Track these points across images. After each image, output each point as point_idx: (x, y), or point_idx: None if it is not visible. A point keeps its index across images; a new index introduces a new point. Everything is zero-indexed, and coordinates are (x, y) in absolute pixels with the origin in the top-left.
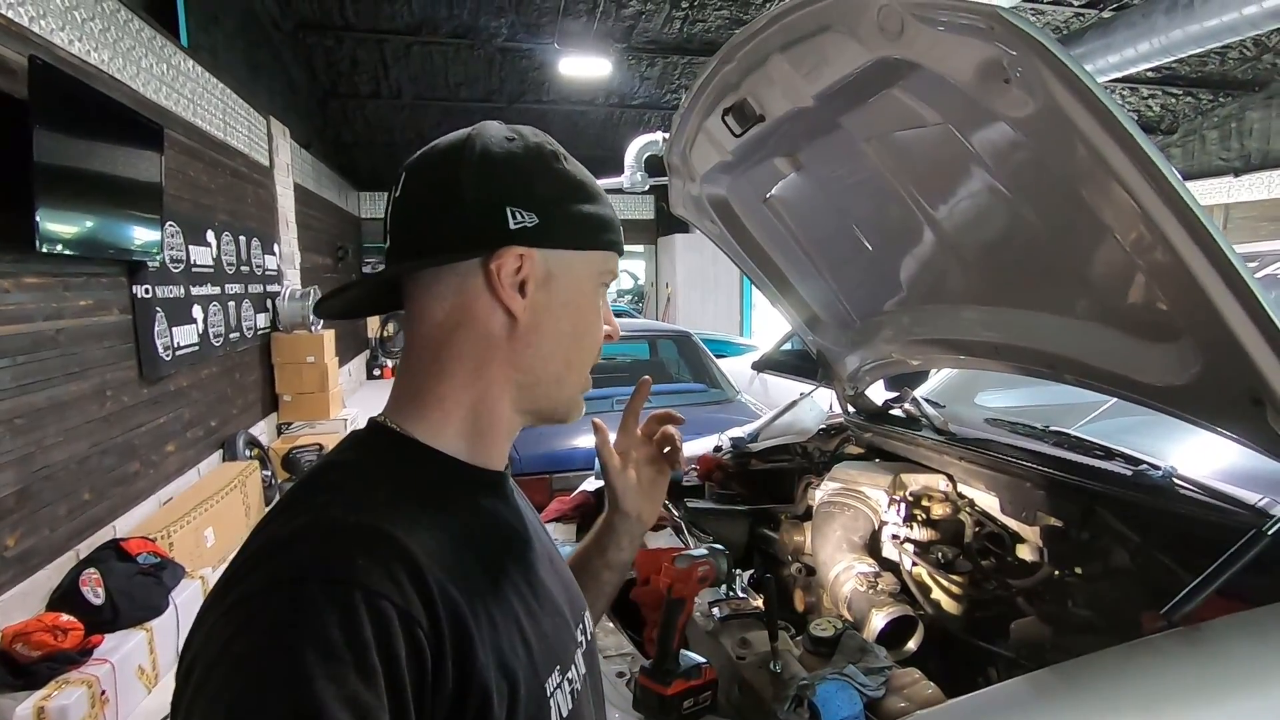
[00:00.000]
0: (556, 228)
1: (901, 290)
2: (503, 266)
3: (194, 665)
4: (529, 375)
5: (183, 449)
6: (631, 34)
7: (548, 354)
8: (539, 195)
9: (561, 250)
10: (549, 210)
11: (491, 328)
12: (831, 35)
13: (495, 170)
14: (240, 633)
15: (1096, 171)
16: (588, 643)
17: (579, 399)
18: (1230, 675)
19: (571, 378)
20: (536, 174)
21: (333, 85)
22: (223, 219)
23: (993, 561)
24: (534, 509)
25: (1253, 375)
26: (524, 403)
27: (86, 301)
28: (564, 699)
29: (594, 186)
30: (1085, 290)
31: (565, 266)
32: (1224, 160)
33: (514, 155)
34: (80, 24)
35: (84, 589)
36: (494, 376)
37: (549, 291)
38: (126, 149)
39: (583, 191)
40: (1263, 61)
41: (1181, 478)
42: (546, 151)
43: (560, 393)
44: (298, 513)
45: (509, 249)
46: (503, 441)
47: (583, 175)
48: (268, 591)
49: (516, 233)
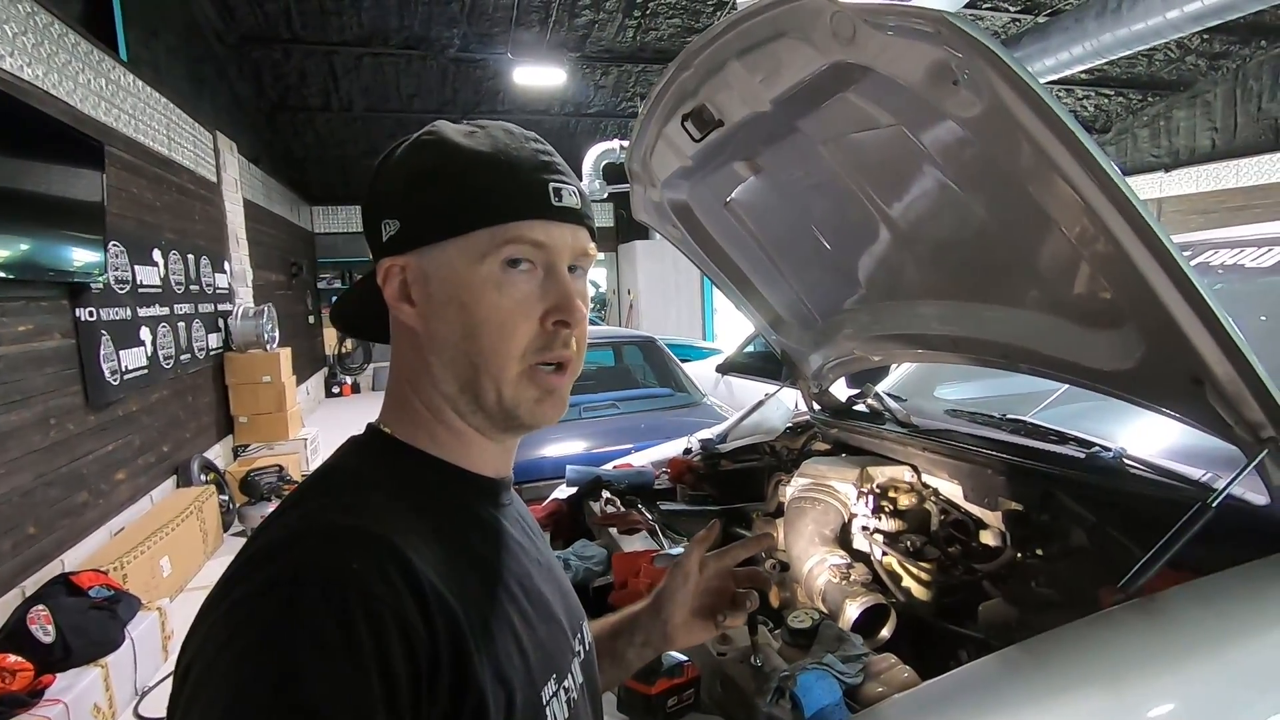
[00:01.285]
0: (420, 224)
1: (861, 288)
2: (386, 281)
3: (191, 666)
4: (447, 384)
5: (134, 476)
6: (585, 43)
7: (449, 360)
8: (400, 196)
9: (432, 245)
10: (408, 209)
11: (408, 340)
12: (786, 41)
13: (374, 185)
14: (237, 634)
15: (1041, 168)
16: (586, 652)
17: (527, 401)
18: (1183, 641)
19: (487, 382)
20: (400, 174)
21: (281, 98)
22: (170, 237)
23: (958, 548)
24: (532, 517)
25: (1192, 357)
26: (465, 412)
27: (26, 326)
28: (560, 708)
29: (477, 157)
30: (1035, 282)
31: (439, 262)
32: (1155, 157)
33: (387, 162)
34: (11, 39)
35: (32, 627)
36: (429, 384)
37: (429, 293)
38: (65, 167)
39: (451, 171)
40: (1186, 63)
41: (1131, 458)
42: (420, 143)
43: (486, 398)
44: (295, 517)
45: (384, 261)
46: (480, 450)
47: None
48: (264, 593)
49: (387, 245)
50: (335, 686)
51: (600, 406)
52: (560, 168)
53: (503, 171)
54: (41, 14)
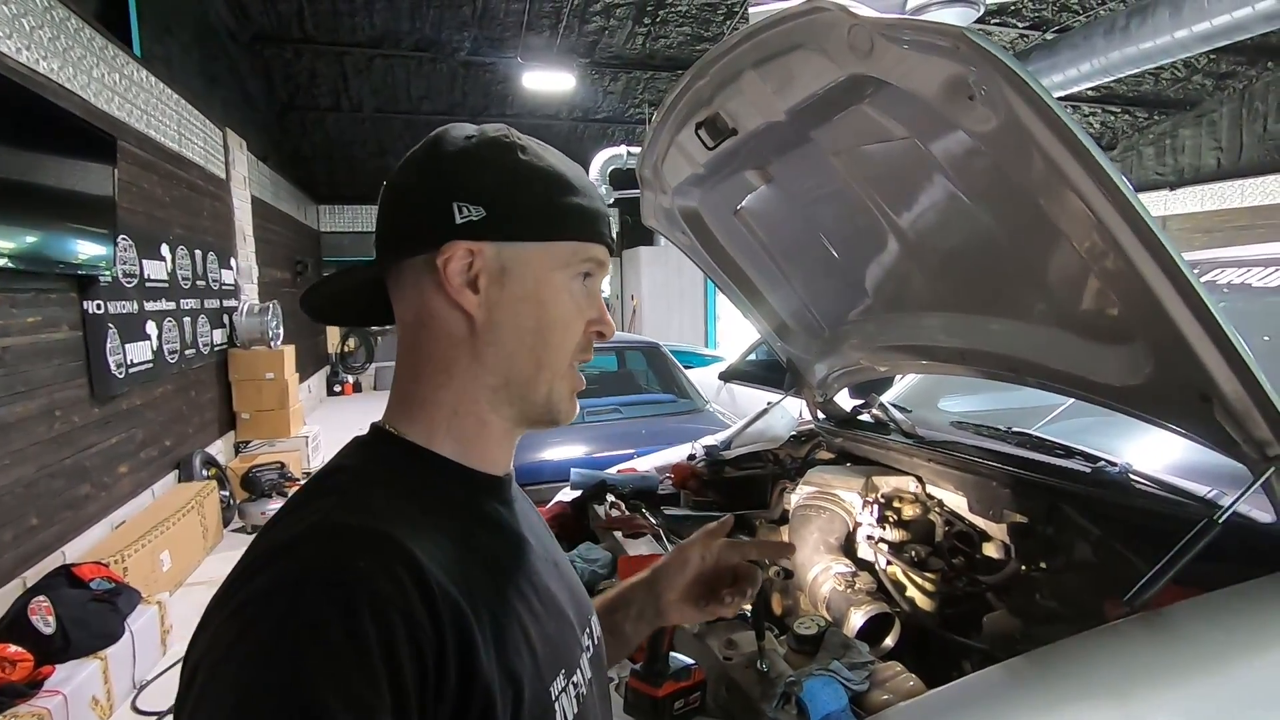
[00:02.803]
0: (509, 220)
1: (868, 298)
2: (449, 262)
3: (198, 668)
4: (496, 376)
5: (136, 470)
6: (594, 49)
7: (512, 352)
8: (487, 187)
9: (516, 243)
10: (498, 202)
11: (451, 327)
12: (803, 53)
13: (443, 166)
14: (244, 635)
15: (1054, 183)
16: (594, 647)
17: (566, 398)
18: (1188, 656)
19: (545, 376)
20: (489, 167)
21: (291, 98)
22: (178, 233)
23: (963, 559)
24: (539, 513)
25: (1200, 374)
26: (502, 405)
27: (34, 318)
28: (569, 703)
29: (562, 176)
30: (1043, 295)
31: (522, 260)
32: (1160, 175)
33: (466, 150)
34: (29, 32)
35: (33, 618)
36: (464, 378)
37: (504, 286)
38: (77, 160)
39: (542, 181)
40: (1193, 82)
41: (1137, 473)
42: (504, 144)
43: (536, 393)
44: (301, 517)
45: (454, 244)
46: (496, 446)
47: (548, 165)
48: (271, 594)
49: (462, 227)
50: (343, 688)
51: (603, 411)
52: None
53: (593, 199)
54: (59, 9)
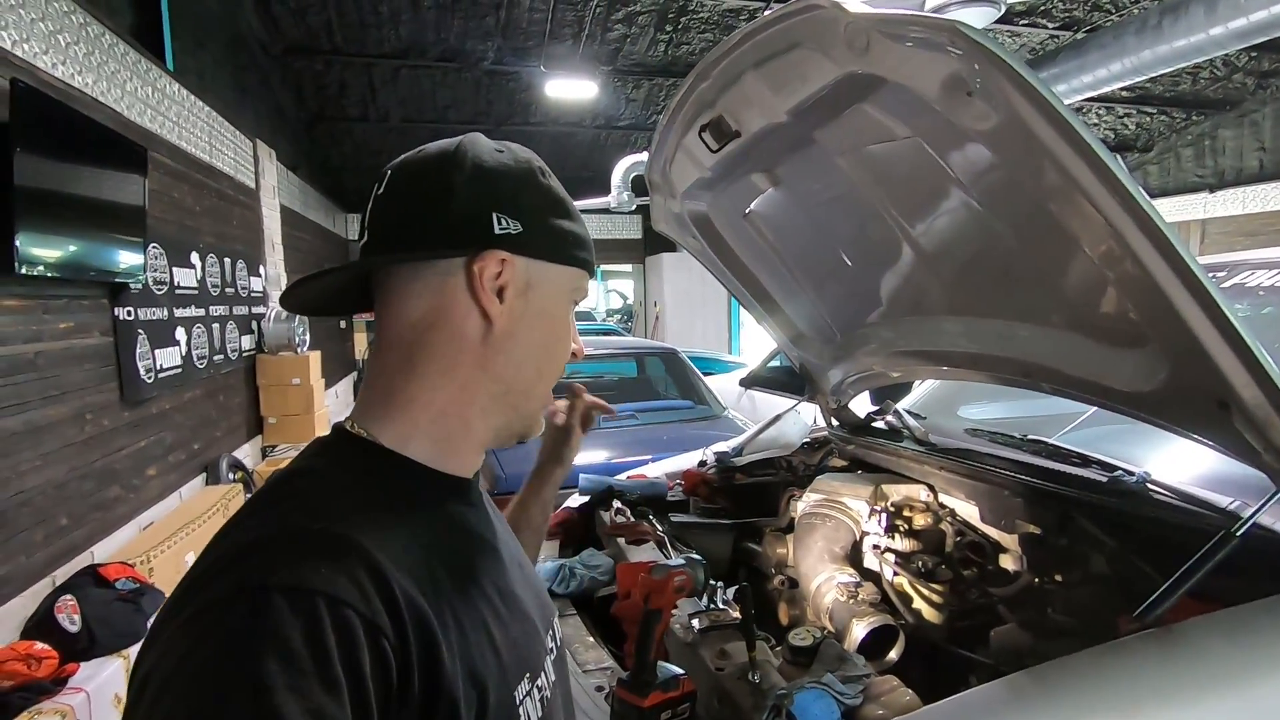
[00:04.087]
0: (538, 238)
1: (881, 303)
2: (485, 268)
3: (149, 679)
4: (499, 383)
5: (164, 473)
6: (617, 57)
7: (520, 361)
8: (524, 206)
9: (542, 261)
10: (532, 221)
11: (466, 330)
12: (802, 52)
13: (486, 176)
14: (199, 644)
15: (1060, 181)
16: (558, 649)
17: (540, 415)
18: (1202, 675)
19: (540, 389)
20: (523, 186)
21: (320, 108)
22: (208, 241)
23: (974, 570)
24: (501, 516)
25: (1218, 380)
26: (493, 413)
27: (67, 324)
28: (534, 707)
29: (572, 205)
30: (1056, 299)
31: (544, 277)
32: (1199, 177)
33: (504, 165)
34: (64, 48)
35: (59, 616)
36: (464, 380)
37: (526, 299)
38: (110, 171)
39: (563, 208)
40: (1233, 81)
41: (1155, 483)
42: (534, 167)
43: (528, 404)
44: (260, 520)
45: (492, 252)
46: (471, 452)
47: (563, 193)
48: (228, 601)
49: (501, 238)
50: (303, 698)
51: (621, 417)
52: None
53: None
54: (94, 25)
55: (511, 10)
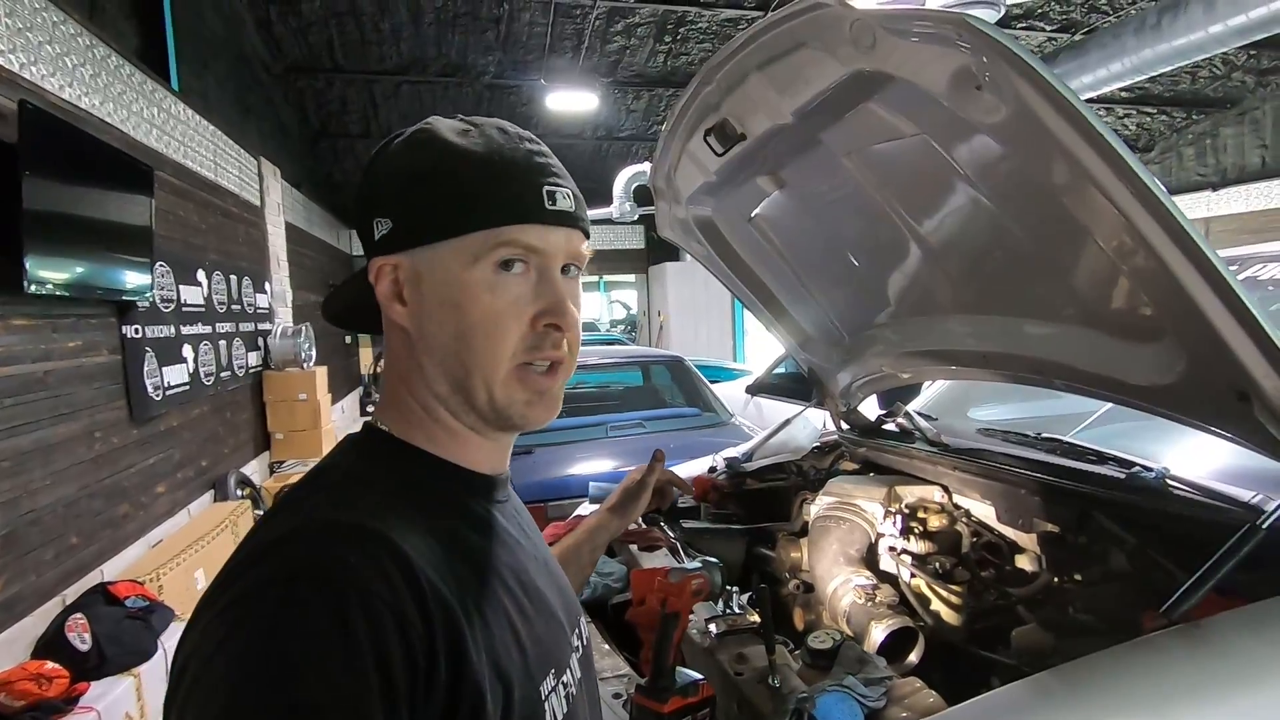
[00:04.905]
0: (411, 226)
1: (889, 304)
2: (379, 280)
3: (187, 665)
4: (438, 384)
5: (173, 490)
6: (617, 68)
7: (440, 360)
8: (392, 195)
9: (425, 246)
10: (402, 208)
11: (400, 340)
12: (807, 52)
13: (370, 179)
14: (234, 632)
15: (1072, 173)
16: (583, 647)
17: (519, 401)
18: (1230, 671)
19: (478, 382)
20: (394, 172)
21: (323, 125)
22: (214, 258)
23: (991, 571)
24: (529, 514)
25: (1237, 371)
26: (459, 411)
27: (75, 343)
28: (559, 703)
29: (471, 157)
30: (1068, 293)
31: (432, 263)
32: (1201, 176)
33: (378, 160)
34: (71, 70)
35: (70, 635)
36: (422, 386)
37: (421, 294)
38: (116, 191)
39: (447, 170)
40: (1233, 79)
41: (1175, 478)
42: (415, 140)
43: (477, 398)
44: (292, 514)
45: (375, 261)
46: (475, 448)
47: (458, 148)
48: (261, 591)
49: (380, 243)
50: (333, 685)
51: (627, 425)
52: (555, 169)
53: (497, 173)
54: (100, 47)
55: (511, 24)
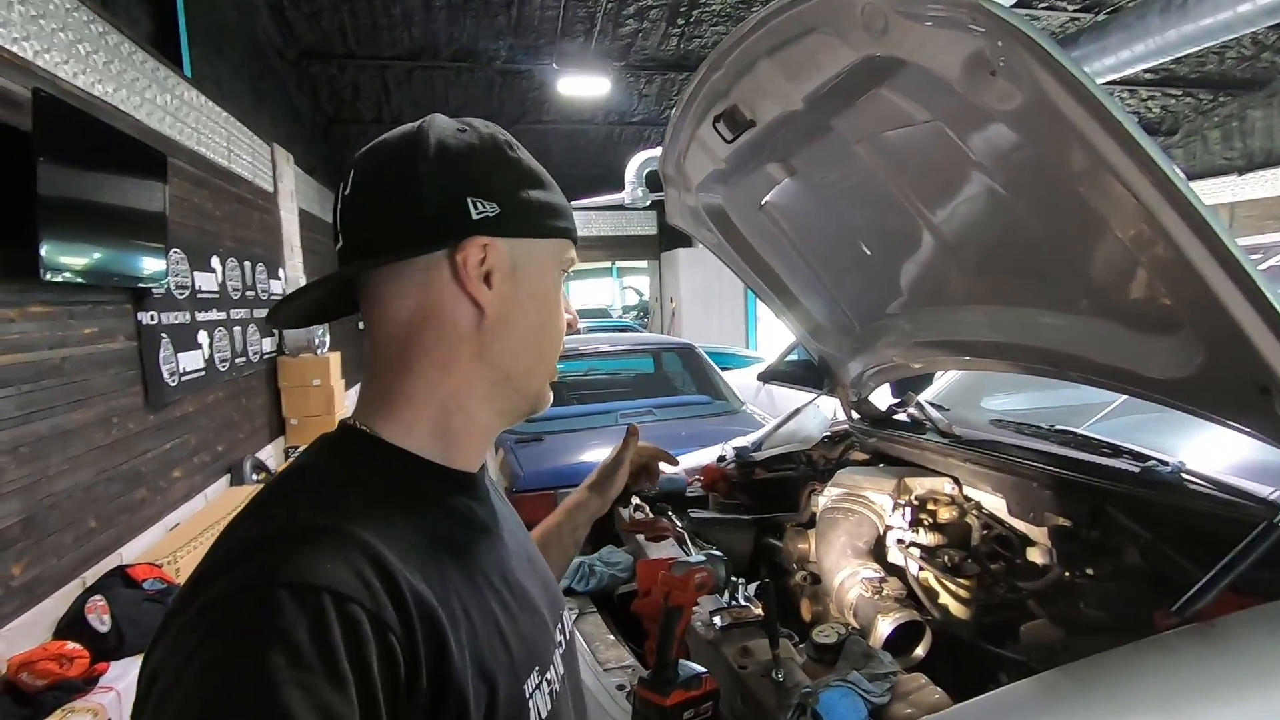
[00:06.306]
0: (517, 216)
1: (901, 293)
2: (468, 258)
3: (157, 674)
4: (498, 370)
5: (189, 475)
6: (629, 52)
7: (516, 346)
8: (496, 185)
9: (524, 239)
10: (508, 199)
11: (458, 322)
12: (817, 36)
13: (452, 162)
14: (206, 640)
15: (1089, 161)
16: (567, 643)
17: (548, 390)
18: (1244, 672)
19: (541, 369)
20: (492, 164)
21: (336, 111)
22: (228, 245)
23: (1001, 564)
24: (512, 508)
25: (1258, 364)
26: (496, 399)
27: (91, 329)
28: (543, 700)
29: (545, 175)
30: (1084, 284)
31: (529, 255)
32: (1227, 160)
33: (470, 146)
34: (84, 57)
35: (90, 616)
36: (463, 372)
37: (515, 281)
38: (131, 178)
39: (536, 179)
40: (1261, 60)
41: (1190, 472)
42: (500, 141)
43: (530, 385)
44: (265, 517)
45: (473, 239)
46: (477, 441)
47: (534, 164)
48: (235, 597)
49: (479, 223)
50: (310, 694)
51: (637, 413)
52: None
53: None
54: (113, 34)
55: (523, 8)
